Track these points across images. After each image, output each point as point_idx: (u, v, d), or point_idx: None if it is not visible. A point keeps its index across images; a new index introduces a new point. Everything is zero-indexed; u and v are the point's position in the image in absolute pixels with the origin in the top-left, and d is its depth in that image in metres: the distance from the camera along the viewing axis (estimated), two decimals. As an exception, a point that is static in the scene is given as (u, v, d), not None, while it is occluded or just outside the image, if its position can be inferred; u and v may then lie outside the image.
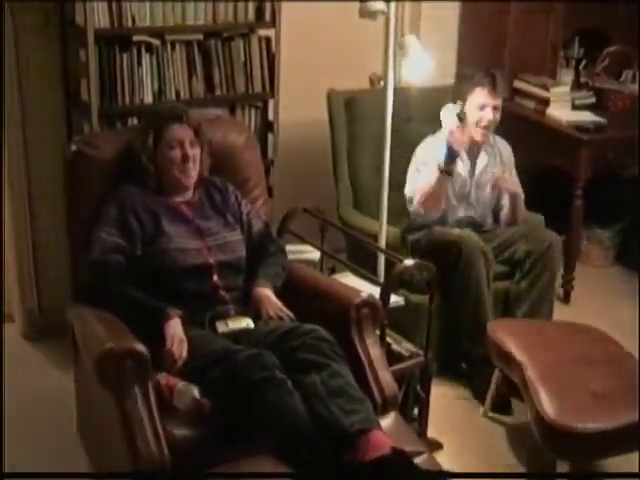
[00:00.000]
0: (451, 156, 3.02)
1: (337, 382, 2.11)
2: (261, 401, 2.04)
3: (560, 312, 3.67)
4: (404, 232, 3.17)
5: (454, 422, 2.99)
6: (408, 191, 3.25)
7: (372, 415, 2.08)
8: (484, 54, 4.09)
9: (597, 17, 4.24)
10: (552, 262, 3.18)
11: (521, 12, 4.01)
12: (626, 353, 2.70)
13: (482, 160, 3.29)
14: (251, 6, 3.21)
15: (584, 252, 4.31)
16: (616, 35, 4.27)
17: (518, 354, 2.65)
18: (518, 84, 4.08)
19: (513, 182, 3.29)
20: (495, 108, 3.20)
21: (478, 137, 3.22)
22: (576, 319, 3.51)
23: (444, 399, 3.08)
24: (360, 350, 2.34)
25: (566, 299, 3.90)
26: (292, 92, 3.49)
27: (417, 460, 2.08)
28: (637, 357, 2.72)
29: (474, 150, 3.27)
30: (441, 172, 3.04)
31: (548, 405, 2.41)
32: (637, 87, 4.13)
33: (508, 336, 2.76)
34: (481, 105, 3.18)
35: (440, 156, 3.05)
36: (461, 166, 3.24)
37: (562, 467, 2.51)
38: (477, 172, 3.29)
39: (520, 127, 3.94)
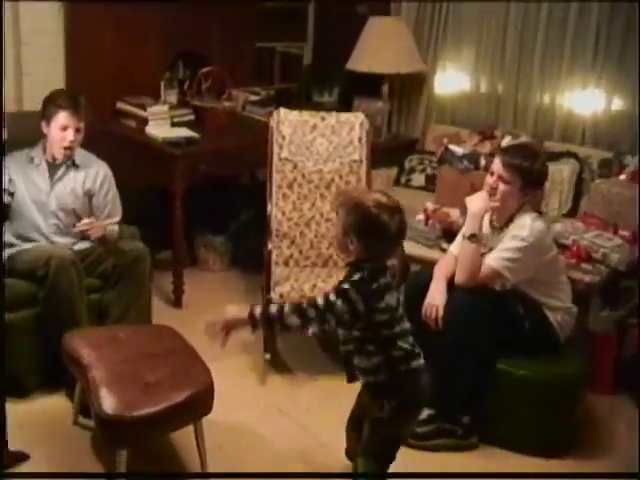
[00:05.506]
0: None
1: None
2: None
3: (172, 315, 3.93)
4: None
5: (48, 433, 3.06)
6: None
7: None
8: (94, 78, 4.20)
9: (195, 40, 4.60)
10: (139, 272, 3.38)
11: (119, 39, 4.21)
12: (186, 345, 2.95)
13: (60, 172, 3.43)
14: None
15: (202, 259, 4.63)
16: (214, 56, 4.64)
17: (85, 358, 2.81)
18: (120, 106, 4.27)
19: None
20: (77, 130, 3.37)
21: (60, 157, 3.39)
22: (186, 320, 3.80)
23: (45, 414, 3.16)
24: None
25: (177, 303, 4.15)
26: None
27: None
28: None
29: (54, 163, 3.43)
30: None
31: (106, 401, 2.57)
32: (233, 104, 4.52)
33: (80, 343, 2.90)
34: (63, 126, 3.34)
35: None
36: (41, 180, 3.41)
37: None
38: (56, 184, 3.43)
39: (124, 146, 4.16)
